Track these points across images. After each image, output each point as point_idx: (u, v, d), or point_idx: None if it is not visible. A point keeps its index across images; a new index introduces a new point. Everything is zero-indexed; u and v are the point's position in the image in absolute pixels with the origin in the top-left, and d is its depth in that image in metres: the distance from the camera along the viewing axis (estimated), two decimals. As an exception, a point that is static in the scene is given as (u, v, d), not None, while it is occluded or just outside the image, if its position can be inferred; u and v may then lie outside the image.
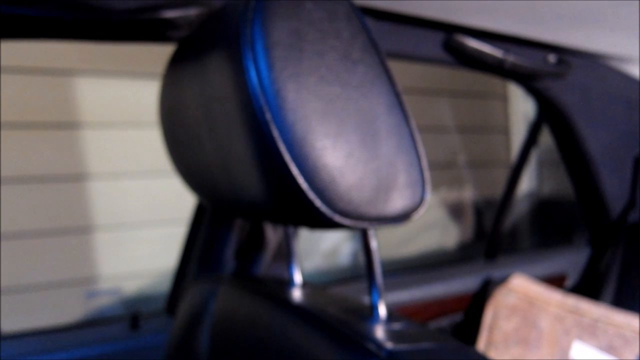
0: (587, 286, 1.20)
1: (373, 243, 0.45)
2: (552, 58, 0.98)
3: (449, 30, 0.84)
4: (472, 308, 1.09)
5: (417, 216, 0.42)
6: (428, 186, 0.43)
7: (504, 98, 2.24)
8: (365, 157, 0.39)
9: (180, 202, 1.21)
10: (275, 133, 0.36)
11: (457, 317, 1.09)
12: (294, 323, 0.48)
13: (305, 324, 0.47)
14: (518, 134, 2.22)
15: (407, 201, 0.41)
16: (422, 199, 0.42)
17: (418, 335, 0.42)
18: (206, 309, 0.61)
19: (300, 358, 0.44)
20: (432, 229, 2.12)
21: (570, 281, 1.23)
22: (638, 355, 0.93)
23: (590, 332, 0.97)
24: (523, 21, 0.81)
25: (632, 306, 1.08)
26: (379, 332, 0.42)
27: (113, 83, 1.52)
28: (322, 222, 0.39)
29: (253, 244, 0.90)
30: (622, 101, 1.11)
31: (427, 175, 0.42)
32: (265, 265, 0.90)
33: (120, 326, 0.88)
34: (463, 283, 1.11)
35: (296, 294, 0.55)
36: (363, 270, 0.48)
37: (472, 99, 2.17)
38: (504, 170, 2.20)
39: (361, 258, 1.90)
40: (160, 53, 0.67)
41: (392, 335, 0.42)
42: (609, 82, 1.09)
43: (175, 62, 0.52)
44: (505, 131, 2.25)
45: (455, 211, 2.17)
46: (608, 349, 0.95)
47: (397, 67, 0.53)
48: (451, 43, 0.85)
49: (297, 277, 0.60)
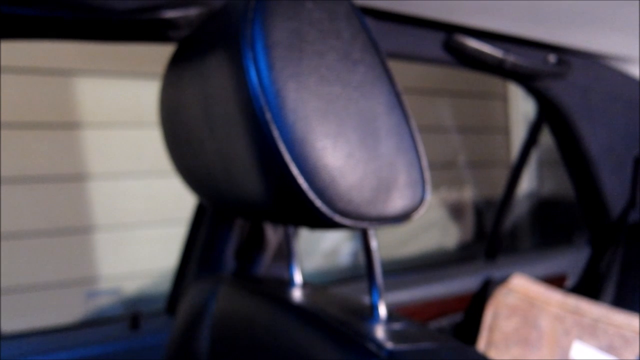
0: (587, 286, 1.19)
1: (373, 243, 0.45)
2: (552, 58, 0.98)
3: (449, 30, 0.84)
4: (472, 308, 1.09)
5: (417, 216, 0.42)
6: (428, 186, 0.43)
7: (504, 98, 2.23)
8: (365, 157, 0.39)
9: (180, 202, 1.21)
10: (275, 133, 0.36)
11: (458, 317, 1.09)
12: (294, 323, 0.48)
13: (305, 324, 0.47)
14: (518, 134, 2.22)
15: (407, 201, 0.41)
16: (422, 199, 0.42)
17: (418, 335, 0.42)
18: (206, 309, 0.61)
19: (300, 358, 0.44)
20: (432, 229, 2.12)
21: (570, 281, 1.23)
22: (638, 355, 0.93)
23: (590, 332, 0.97)
24: (523, 21, 0.81)
25: (632, 306, 1.08)
26: (379, 332, 0.42)
27: (113, 83, 1.52)
28: (322, 222, 0.39)
29: (253, 244, 0.90)
30: (622, 101, 1.11)
31: (427, 175, 0.42)
32: (265, 265, 0.90)
33: (120, 326, 0.88)
34: (463, 283, 1.11)
35: (296, 294, 0.55)
36: (363, 270, 0.48)
37: (472, 99, 2.17)
38: (504, 170, 2.20)
39: (361, 258, 1.90)
40: (160, 53, 0.67)
41: (392, 335, 0.42)
42: (609, 82, 1.09)
43: (175, 62, 0.52)
44: (505, 131, 2.25)
45: (455, 211, 2.17)
46: (608, 349, 0.95)
47: (397, 67, 0.53)
48: (451, 43, 0.85)
49: (297, 277, 0.60)
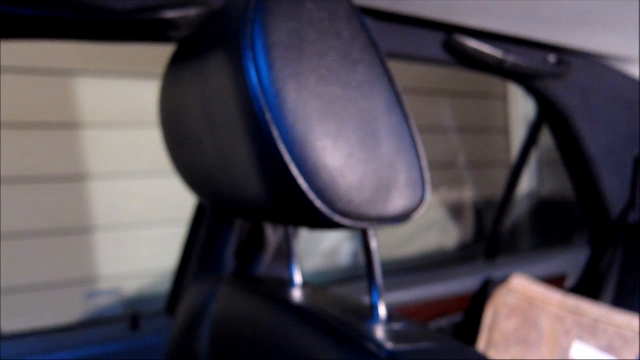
0: (587, 286, 1.19)
1: (373, 243, 0.45)
2: (552, 58, 0.98)
3: (449, 30, 0.84)
4: (472, 308, 1.09)
5: (417, 216, 0.42)
6: (428, 186, 0.43)
7: (504, 98, 2.24)
8: (365, 158, 0.39)
9: (180, 202, 1.21)
10: (275, 133, 0.36)
11: (457, 317, 1.09)
12: (294, 323, 0.48)
13: (305, 324, 0.47)
14: (518, 134, 2.22)
15: (407, 201, 0.41)
16: (422, 199, 0.42)
17: (418, 335, 0.42)
18: (206, 309, 0.61)
19: (300, 358, 0.44)
20: (433, 229, 2.12)
21: (570, 281, 1.23)
22: (638, 355, 0.93)
23: (590, 332, 0.97)
24: (523, 21, 0.81)
25: (632, 306, 1.08)
26: (379, 332, 0.42)
27: (113, 83, 1.52)
28: (322, 223, 0.39)
29: (253, 244, 0.90)
30: (622, 101, 1.11)
31: (427, 175, 0.42)
32: (265, 265, 0.90)
33: (120, 326, 0.88)
34: (463, 283, 1.11)
35: (296, 294, 0.55)
36: (363, 270, 0.48)
37: (472, 99, 2.17)
38: (504, 170, 2.20)
39: (361, 258, 1.90)
40: (160, 53, 0.67)
41: (392, 335, 0.42)
42: (609, 83, 1.09)
43: (175, 63, 0.52)
44: (505, 131, 2.25)
45: (455, 211, 2.17)
46: (608, 349, 0.95)
47: (397, 68, 0.53)
48: (451, 43, 0.85)
49: (297, 277, 0.60)
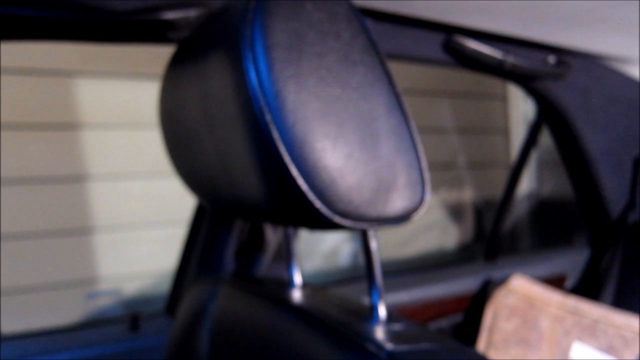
0: (587, 287, 1.19)
1: (373, 244, 0.45)
2: (552, 59, 0.98)
3: (449, 31, 0.84)
4: (472, 309, 1.09)
5: (417, 217, 0.42)
6: (428, 187, 0.42)
7: (504, 99, 2.24)
8: (365, 158, 0.39)
9: (180, 203, 1.21)
10: (275, 134, 0.36)
11: (457, 318, 1.09)
12: (294, 324, 0.48)
13: (305, 325, 0.47)
14: (518, 135, 2.22)
15: (407, 202, 0.41)
16: (422, 200, 0.42)
17: (418, 336, 0.42)
18: (206, 310, 0.61)
19: (300, 359, 0.44)
20: (432, 230, 2.12)
21: (570, 282, 1.23)
22: (638, 355, 0.93)
23: (590, 333, 0.97)
24: (523, 22, 0.81)
25: (632, 307, 1.08)
26: (379, 333, 0.42)
27: (113, 84, 1.53)
28: (322, 223, 0.39)
29: (253, 245, 0.90)
30: (622, 102, 1.11)
31: (427, 176, 0.42)
32: (265, 266, 0.90)
33: (120, 327, 0.88)
34: (463, 284, 1.11)
35: (296, 295, 0.55)
36: (363, 270, 0.48)
37: (472, 100, 2.17)
38: (504, 171, 2.20)
39: (361, 259, 1.90)
40: (160, 54, 0.67)
41: (392, 336, 0.42)
42: (609, 83, 1.09)
43: (175, 63, 0.52)
44: (505, 132, 2.25)
45: (455, 212, 2.17)
46: (608, 350, 0.95)
47: (397, 68, 0.53)
48: (451, 44, 0.85)
49: (297, 278, 0.60)
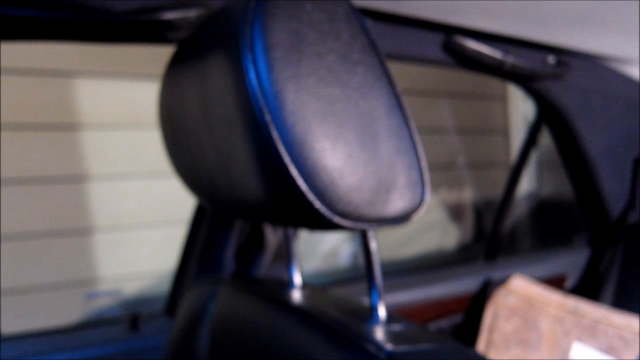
0: (587, 287, 1.19)
1: (373, 244, 0.45)
2: (552, 59, 0.98)
3: (449, 31, 0.84)
4: (472, 309, 1.09)
5: (417, 217, 0.42)
6: (428, 187, 0.42)
7: (504, 99, 2.24)
8: (364, 159, 0.39)
9: (180, 204, 1.21)
10: (274, 134, 0.36)
11: (457, 318, 1.09)
12: (294, 324, 0.48)
13: (305, 325, 0.47)
14: (517, 135, 2.22)
15: (407, 202, 0.41)
16: (422, 200, 0.42)
17: (418, 336, 0.42)
18: (206, 310, 0.61)
19: (299, 359, 0.44)
20: (432, 230, 2.12)
21: (570, 282, 1.23)
22: (638, 356, 0.93)
23: (590, 333, 0.97)
24: (522, 22, 0.81)
25: (632, 307, 1.08)
26: (379, 333, 0.42)
27: (113, 84, 1.52)
28: (322, 224, 0.39)
29: (253, 245, 0.90)
30: (622, 102, 1.11)
31: (427, 176, 0.42)
32: (265, 266, 0.90)
33: (120, 327, 0.88)
34: (463, 284, 1.10)
35: (296, 295, 0.55)
36: (363, 271, 0.48)
37: (472, 100, 2.17)
38: (504, 171, 2.20)
39: (361, 259, 1.90)
40: (159, 54, 0.67)
41: (392, 336, 0.42)
42: (609, 83, 1.09)
43: (174, 64, 0.52)
44: (504, 132, 2.25)
45: (455, 212, 2.17)
46: (608, 350, 0.95)
47: (397, 69, 0.53)
48: (451, 44, 0.85)
49: (297, 278, 0.60)
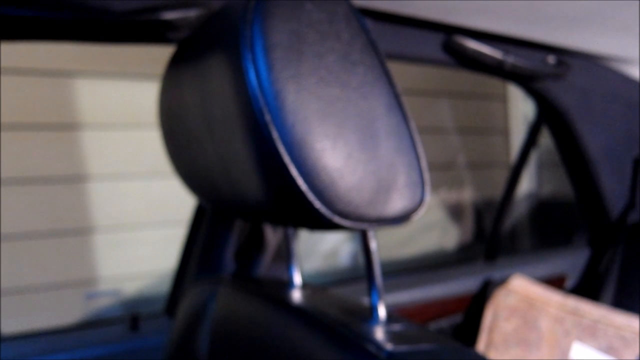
0: (587, 287, 1.19)
1: (373, 244, 0.45)
2: (552, 59, 0.98)
3: (449, 31, 0.84)
4: (472, 309, 1.09)
5: (417, 217, 0.42)
6: (428, 187, 0.42)
7: (504, 99, 2.24)
8: (364, 158, 0.39)
9: (180, 204, 1.21)
10: (274, 134, 0.36)
11: (457, 318, 1.09)
12: (294, 324, 0.48)
13: (305, 325, 0.47)
14: (518, 135, 2.22)
15: (407, 202, 0.41)
16: (422, 200, 0.42)
17: (418, 336, 0.42)
18: (206, 310, 0.61)
19: (299, 359, 0.44)
20: (432, 230, 2.12)
21: (570, 282, 1.23)
22: (638, 356, 0.93)
23: (590, 333, 0.97)
24: (522, 22, 0.81)
25: (632, 307, 1.08)
26: (379, 333, 0.42)
27: (113, 84, 1.52)
28: (322, 224, 0.39)
29: (253, 245, 0.90)
30: (622, 102, 1.11)
31: (427, 176, 0.42)
32: (265, 266, 0.90)
33: (120, 327, 0.88)
34: (463, 284, 1.10)
35: (296, 295, 0.55)
36: (363, 271, 0.48)
37: (472, 100, 2.17)
38: (504, 171, 2.20)
39: (361, 259, 1.90)
40: (159, 54, 0.67)
41: (392, 336, 0.42)
42: (609, 83, 1.09)
43: (174, 64, 0.52)
44: (504, 132, 2.25)
45: (454, 212, 2.17)
46: (608, 350, 0.95)
47: (397, 68, 0.53)
48: (451, 44, 0.85)
49: (297, 278, 0.60)
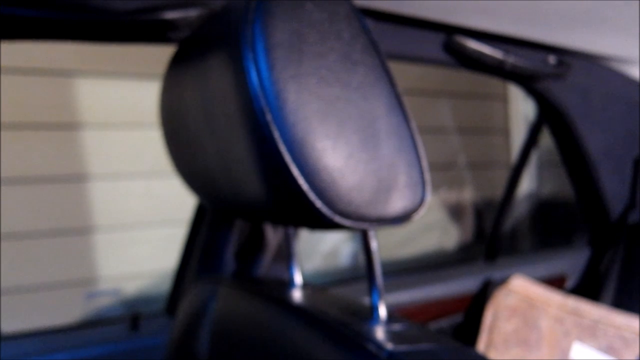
0: (587, 287, 1.19)
1: (373, 244, 0.45)
2: (552, 59, 0.98)
3: (449, 31, 0.84)
4: (472, 309, 1.09)
5: (418, 217, 0.42)
6: (428, 187, 0.43)
7: (504, 99, 2.24)
8: (365, 158, 0.39)
9: (180, 203, 1.21)
10: (275, 134, 0.36)
11: (457, 318, 1.09)
12: (294, 324, 0.48)
13: (305, 325, 0.47)
14: (518, 135, 2.22)
15: (408, 202, 0.41)
16: (423, 200, 0.42)
17: (418, 336, 0.42)
18: (206, 310, 0.61)
19: (300, 359, 0.44)
20: (432, 230, 2.12)
21: (570, 282, 1.23)
22: (638, 356, 0.93)
23: (590, 334, 0.97)
24: (523, 22, 0.81)
25: (632, 307, 1.08)
26: (379, 333, 0.42)
27: (113, 84, 1.52)
28: (323, 223, 0.39)
29: (253, 245, 0.90)
30: (622, 102, 1.11)
31: (428, 176, 0.42)
32: (265, 266, 0.90)
33: (120, 327, 0.88)
34: (463, 284, 1.10)
35: (296, 295, 0.55)
36: (363, 271, 0.48)
37: (473, 100, 2.17)
38: (504, 171, 2.20)
39: (361, 259, 1.90)
40: (160, 54, 0.67)
41: (392, 336, 0.42)
42: (609, 84, 1.09)
43: (175, 63, 0.52)
44: (505, 132, 2.25)
45: (455, 212, 2.17)
46: (608, 350, 0.95)
47: (397, 68, 0.53)
48: (451, 44, 0.85)
49: (297, 278, 0.60)
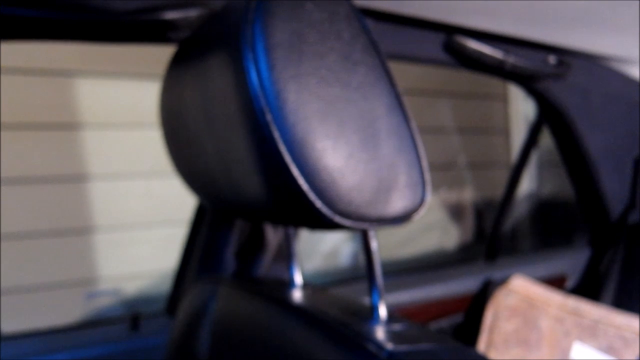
0: (587, 287, 1.19)
1: (373, 244, 0.45)
2: (552, 59, 0.98)
3: (449, 31, 0.84)
4: (473, 309, 1.09)
5: (418, 217, 0.42)
6: (428, 187, 0.43)
7: (504, 99, 2.24)
8: (365, 158, 0.39)
9: (180, 203, 1.21)
10: (275, 134, 0.36)
11: (458, 318, 1.09)
12: (294, 324, 0.48)
13: (305, 325, 0.47)
14: (518, 135, 2.22)
15: (408, 202, 0.41)
16: (423, 200, 0.42)
17: (418, 336, 0.42)
18: (206, 310, 0.61)
19: (300, 359, 0.44)
20: (433, 230, 2.12)
21: (570, 282, 1.23)
22: (638, 356, 0.93)
23: (590, 333, 0.97)
24: (523, 22, 0.81)
25: (633, 307, 1.08)
26: (379, 333, 0.42)
27: (113, 84, 1.53)
28: (323, 223, 0.39)
29: (253, 245, 0.90)
30: (622, 102, 1.11)
31: (428, 176, 0.43)
32: (265, 266, 0.90)
33: (120, 327, 0.88)
34: (463, 284, 1.10)
35: (296, 295, 0.55)
36: (363, 271, 0.48)
37: (473, 100, 2.17)
38: (504, 171, 2.20)
39: (361, 259, 1.90)
40: (160, 54, 0.67)
41: (393, 336, 0.42)
42: (609, 83, 1.09)
43: (175, 63, 0.52)
44: (505, 132, 2.25)
45: (455, 212, 2.17)
46: (608, 350, 0.95)
47: (398, 68, 0.53)
48: (451, 44, 0.85)
49: (298, 278, 0.60)
